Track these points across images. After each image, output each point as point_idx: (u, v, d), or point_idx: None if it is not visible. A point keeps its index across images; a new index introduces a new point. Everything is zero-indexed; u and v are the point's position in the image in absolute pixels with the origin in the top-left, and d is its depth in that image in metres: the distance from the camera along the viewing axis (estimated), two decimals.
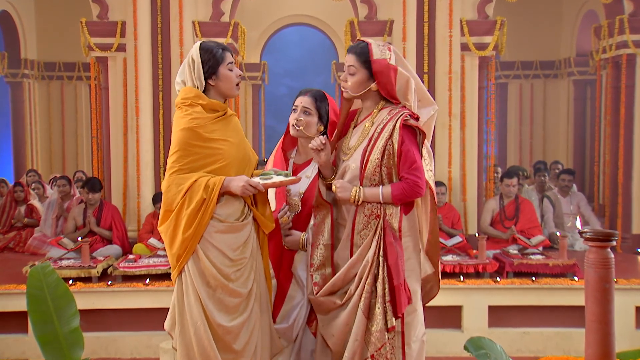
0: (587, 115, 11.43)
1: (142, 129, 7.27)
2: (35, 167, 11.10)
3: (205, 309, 3.00)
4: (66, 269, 6.13)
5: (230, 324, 3.02)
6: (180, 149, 3.02)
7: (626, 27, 7.54)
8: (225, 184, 3.00)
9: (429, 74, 7.30)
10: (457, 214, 7.09)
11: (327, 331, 3.09)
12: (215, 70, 3.10)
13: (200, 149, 3.03)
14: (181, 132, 3.03)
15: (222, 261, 3.03)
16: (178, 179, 3.00)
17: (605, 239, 1.98)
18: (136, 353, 6.00)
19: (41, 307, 3.38)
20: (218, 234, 3.02)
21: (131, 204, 7.37)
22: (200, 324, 2.99)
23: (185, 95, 3.09)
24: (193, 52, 3.10)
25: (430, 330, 5.97)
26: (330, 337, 3.08)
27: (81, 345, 3.49)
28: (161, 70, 7.32)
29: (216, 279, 3.01)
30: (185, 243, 2.98)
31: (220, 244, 3.02)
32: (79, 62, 11.67)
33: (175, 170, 3.02)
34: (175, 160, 3.03)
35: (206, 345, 2.99)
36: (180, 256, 3.00)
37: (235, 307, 3.05)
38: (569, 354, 5.88)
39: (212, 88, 3.14)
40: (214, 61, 3.09)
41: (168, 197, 3.02)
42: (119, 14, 7.37)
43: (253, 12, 11.35)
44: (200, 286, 3.00)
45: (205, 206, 2.97)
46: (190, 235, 2.97)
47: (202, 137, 3.03)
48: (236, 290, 3.04)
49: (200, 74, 3.08)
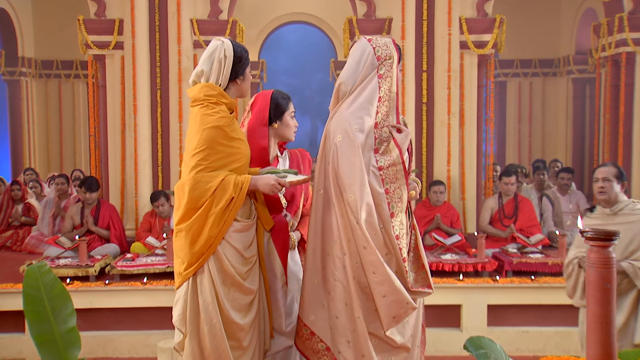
0: (586, 114, 11.43)
1: (140, 127, 7.25)
2: (33, 166, 11.08)
3: (222, 307, 3.04)
4: (63, 267, 6.12)
5: (243, 321, 3.09)
6: (208, 147, 3.01)
7: (625, 25, 7.53)
8: (253, 183, 3.06)
9: (428, 72, 7.29)
10: (456, 212, 7.07)
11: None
12: (244, 72, 3.19)
13: (225, 147, 3.05)
14: (210, 130, 3.02)
15: (237, 260, 3.08)
16: (206, 177, 3.00)
17: (607, 238, 1.96)
18: (134, 352, 5.98)
19: (37, 306, 3.35)
20: (235, 233, 3.07)
21: (129, 203, 7.35)
22: (216, 321, 3.04)
23: (209, 92, 3.08)
24: (226, 48, 3.12)
25: (429, 329, 5.95)
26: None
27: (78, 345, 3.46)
28: (159, 68, 7.29)
29: (233, 277, 3.06)
30: (209, 242, 3.01)
31: (237, 243, 3.08)
32: (77, 60, 11.65)
33: (202, 168, 3.01)
34: (202, 158, 3.01)
35: (220, 343, 3.05)
36: (202, 254, 3.02)
37: (247, 305, 3.13)
38: (569, 353, 5.86)
39: (233, 87, 3.18)
40: (244, 62, 3.18)
41: (194, 195, 3.00)
42: (117, 12, 7.33)
43: (251, 10, 11.34)
44: (219, 285, 3.04)
45: (234, 205, 3.01)
46: (216, 233, 3.01)
47: (228, 136, 3.06)
48: (249, 288, 3.11)
49: (229, 72, 3.12)
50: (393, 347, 3.10)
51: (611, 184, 3.99)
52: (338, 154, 3.04)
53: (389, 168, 3.04)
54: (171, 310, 3.22)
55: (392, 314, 3.03)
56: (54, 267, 6.08)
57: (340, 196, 3.04)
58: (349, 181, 3.00)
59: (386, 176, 3.04)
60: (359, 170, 2.99)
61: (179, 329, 3.15)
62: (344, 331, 3.08)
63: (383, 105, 3.10)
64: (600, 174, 4.03)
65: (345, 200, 3.01)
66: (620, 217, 3.97)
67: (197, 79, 3.15)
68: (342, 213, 3.04)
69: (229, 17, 7.42)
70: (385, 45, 3.16)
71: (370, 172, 3.02)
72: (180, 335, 3.15)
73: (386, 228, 3.02)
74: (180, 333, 3.15)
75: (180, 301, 3.13)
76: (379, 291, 3.00)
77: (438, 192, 6.97)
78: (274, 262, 3.36)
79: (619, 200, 4.02)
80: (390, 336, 3.07)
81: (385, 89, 3.11)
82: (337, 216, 3.06)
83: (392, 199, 3.04)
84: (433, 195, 7.01)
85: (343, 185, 3.02)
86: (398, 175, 3.06)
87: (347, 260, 3.05)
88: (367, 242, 2.97)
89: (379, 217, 3.01)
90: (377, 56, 3.12)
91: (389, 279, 2.99)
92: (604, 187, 3.99)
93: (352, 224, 2.99)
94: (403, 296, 3.01)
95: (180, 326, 3.13)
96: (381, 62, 3.12)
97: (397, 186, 3.05)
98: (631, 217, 3.96)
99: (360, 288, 3.06)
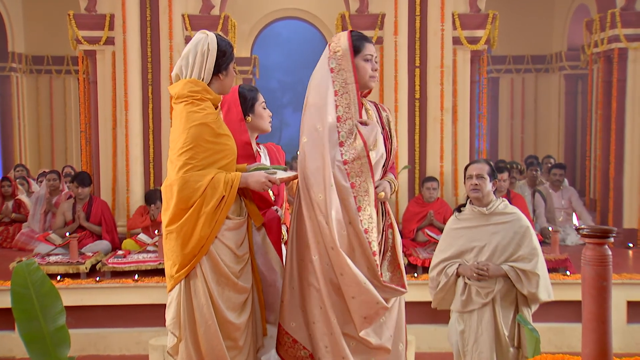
0: (578, 110, 11.45)
1: (131, 123, 7.19)
2: (24, 162, 11.01)
3: (217, 308, 2.99)
4: (54, 264, 6.07)
5: (238, 321, 3.05)
6: (195, 145, 2.93)
7: (618, 21, 7.52)
8: (243, 180, 3.00)
9: (420, 67, 7.27)
10: (449, 209, 7.04)
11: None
12: (227, 67, 3.09)
13: (213, 144, 2.98)
14: (197, 127, 2.94)
15: (231, 258, 3.03)
16: (195, 176, 2.92)
17: (603, 235, 1.94)
18: (125, 350, 5.94)
19: (26, 305, 3.31)
20: (227, 232, 3.01)
21: (120, 199, 7.30)
22: (211, 322, 2.99)
23: (194, 88, 3.00)
24: (210, 42, 3.02)
25: (421, 325, 5.99)
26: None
27: (67, 344, 3.42)
28: (150, 63, 7.24)
29: (227, 276, 3.01)
30: (201, 242, 2.94)
31: (229, 241, 3.02)
32: (68, 56, 11.56)
33: (191, 167, 2.92)
34: (190, 157, 2.92)
35: (216, 344, 3.00)
36: (194, 256, 2.96)
37: (241, 304, 3.08)
38: (561, 349, 5.86)
39: (216, 83, 3.09)
40: (228, 57, 3.08)
41: (183, 195, 2.92)
42: (108, 7, 7.26)
43: (244, 5, 11.29)
44: (213, 285, 2.99)
45: (224, 204, 2.95)
46: (208, 233, 2.94)
47: (215, 132, 2.98)
48: (243, 286, 3.07)
49: (212, 67, 3.03)
50: (371, 349, 3.07)
51: (485, 181, 3.87)
52: (305, 155, 3.02)
53: (353, 162, 3.00)
54: (163, 307, 3.17)
55: (363, 314, 3.00)
56: (45, 264, 6.03)
57: (309, 197, 2.99)
58: (316, 180, 2.96)
59: (351, 170, 2.99)
60: (326, 168, 2.95)
61: (173, 333, 3.09)
62: (321, 336, 3.05)
63: (342, 99, 3.06)
64: (474, 171, 3.90)
65: (313, 200, 2.97)
66: (495, 217, 3.88)
67: (179, 72, 3.07)
68: (310, 215, 3.00)
69: (221, 13, 7.37)
70: (337, 38, 3.14)
71: (336, 167, 2.98)
72: (174, 339, 3.08)
73: (353, 223, 2.98)
74: (173, 337, 3.08)
75: (173, 304, 3.06)
76: (348, 292, 2.97)
77: (431, 189, 6.96)
78: (272, 258, 3.34)
79: (491, 199, 3.91)
80: (365, 337, 3.03)
81: (339, 82, 3.06)
82: (306, 218, 3.02)
83: (359, 192, 3.00)
84: (426, 191, 6.99)
85: (311, 185, 2.98)
86: (363, 169, 3.01)
87: (318, 263, 3.01)
88: (334, 243, 2.92)
89: (346, 211, 2.97)
90: (331, 51, 3.11)
91: (356, 280, 2.94)
92: (478, 184, 3.86)
93: (321, 225, 2.95)
94: (372, 296, 2.97)
95: (174, 330, 3.07)
96: (331, 56, 3.10)
97: (362, 179, 3.01)
98: (506, 217, 3.87)
99: (333, 290, 3.02)
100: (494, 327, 3.83)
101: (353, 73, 3.08)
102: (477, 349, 3.83)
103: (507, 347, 3.83)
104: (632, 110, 7.64)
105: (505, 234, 3.85)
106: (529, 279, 3.79)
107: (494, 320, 3.83)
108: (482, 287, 3.81)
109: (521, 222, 3.87)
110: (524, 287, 3.81)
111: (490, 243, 3.85)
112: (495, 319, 3.83)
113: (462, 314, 3.95)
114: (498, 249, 3.84)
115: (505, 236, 3.85)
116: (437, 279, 4.00)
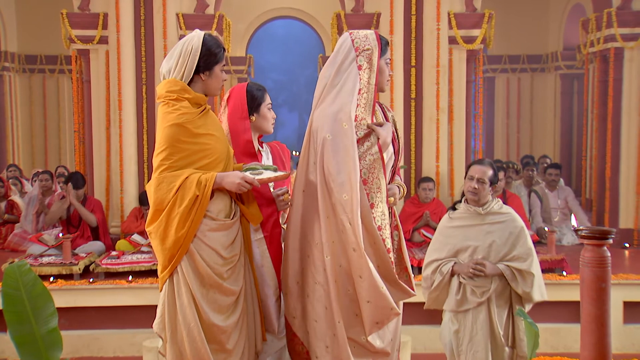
0: (574, 110, 11.44)
1: (125, 123, 7.15)
2: (17, 162, 10.94)
3: (200, 310, 2.94)
4: (47, 265, 6.01)
5: (225, 324, 2.99)
6: (169, 146, 2.90)
7: (614, 20, 7.52)
8: (218, 180, 2.93)
9: (416, 67, 7.24)
10: (445, 209, 7.01)
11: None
12: (211, 68, 3.03)
13: (190, 145, 2.93)
14: (170, 128, 2.91)
15: (215, 260, 2.97)
16: (169, 177, 2.89)
17: (602, 236, 1.91)
18: (119, 351, 5.89)
19: (17, 307, 3.28)
20: (211, 233, 2.96)
21: (114, 199, 7.25)
22: (193, 325, 2.93)
23: (170, 89, 2.96)
24: (194, 41, 2.98)
25: (416, 326, 5.96)
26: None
27: (60, 346, 3.40)
28: (144, 63, 7.19)
29: (211, 278, 2.95)
30: (178, 242, 2.90)
31: (213, 243, 2.96)
32: (61, 55, 11.49)
33: (165, 167, 2.90)
34: (164, 158, 2.90)
35: (199, 347, 2.94)
36: (174, 256, 2.92)
37: (228, 306, 3.01)
38: (558, 350, 5.85)
39: (199, 82, 3.04)
40: (213, 58, 3.02)
41: (158, 196, 2.90)
42: (101, 6, 7.22)
43: (239, 5, 11.24)
44: (195, 286, 2.94)
45: (199, 203, 2.89)
46: (184, 234, 2.89)
47: (191, 132, 2.93)
48: (230, 289, 3.00)
49: (193, 66, 2.98)
50: (372, 352, 3.05)
51: (485, 186, 3.84)
52: (330, 153, 2.94)
53: (366, 158, 2.98)
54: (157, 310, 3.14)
55: (376, 319, 2.97)
56: (37, 265, 5.98)
57: (328, 197, 2.94)
58: (341, 180, 2.90)
59: (363, 166, 2.97)
60: (353, 168, 2.90)
61: (158, 334, 3.06)
62: (322, 336, 3.01)
63: (362, 98, 3.04)
64: (476, 173, 3.85)
65: (336, 200, 2.90)
66: (490, 217, 3.86)
67: (165, 72, 3.03)
68: (328, 214, 2.95)
69: (216, 12, 7.33)
70: (365, 36, 3.09)
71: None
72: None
73: (366, 220, 2.95)
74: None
75: (160, 305, 3.04)
76: (364, 296, 2.93)
77: (427, 189, 6.93)
78: (267, 272, 3.26)
79: (487, 200, 3.89)
80: (371, 341, 3.01)
81: (364, 81, 3.05)
82: (322, 218, 2.96)
83: (371, 189, 2.98)
84: (422, 192, 6.96)
85: (334, 184, 2.91)
86: (376, 165, 2.99)
87: (329, 263, 2.96)
88: (358, 245, 2.88)
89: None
90: (356, 47, 3.06)
91: (375, 284, 2.91)
92: (477, 188, 3.83)
93: (344, 225, 2.89)
94: (387, 302, 2.94)
95: (159, 331, 3.04)
96: (359, 54, 3.05)
97: (375, 176, 2.99)
98: (500, 217, 3.85)
99: (343, 292, 2.98)
100: (489, 326, 3.80)
101: (376, 74, 3.07)
102: (472, 348, 3.80)
103: (502, 347, 3.80)
104: (628, 110, 7.64)
105: (500, 234, 3.83)
106: (525, 278, 3.78)
107: (489, 319, 3.80)
108: (478, 286, 3.78)
109: (516, 223, 3.86)
110: (519, 286, 3.79)
111: (485, 242, 3.83)
112: (490, 318, 3.80)
113: (456, 313, 3.91)
114: (493, 248, 3.82)
115: (501, 236, 3.83)
116: (432, 278, 3.96)
